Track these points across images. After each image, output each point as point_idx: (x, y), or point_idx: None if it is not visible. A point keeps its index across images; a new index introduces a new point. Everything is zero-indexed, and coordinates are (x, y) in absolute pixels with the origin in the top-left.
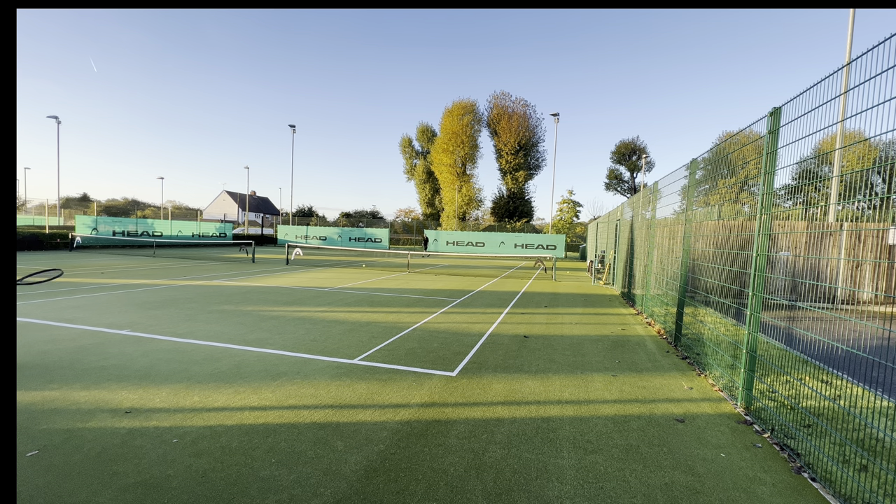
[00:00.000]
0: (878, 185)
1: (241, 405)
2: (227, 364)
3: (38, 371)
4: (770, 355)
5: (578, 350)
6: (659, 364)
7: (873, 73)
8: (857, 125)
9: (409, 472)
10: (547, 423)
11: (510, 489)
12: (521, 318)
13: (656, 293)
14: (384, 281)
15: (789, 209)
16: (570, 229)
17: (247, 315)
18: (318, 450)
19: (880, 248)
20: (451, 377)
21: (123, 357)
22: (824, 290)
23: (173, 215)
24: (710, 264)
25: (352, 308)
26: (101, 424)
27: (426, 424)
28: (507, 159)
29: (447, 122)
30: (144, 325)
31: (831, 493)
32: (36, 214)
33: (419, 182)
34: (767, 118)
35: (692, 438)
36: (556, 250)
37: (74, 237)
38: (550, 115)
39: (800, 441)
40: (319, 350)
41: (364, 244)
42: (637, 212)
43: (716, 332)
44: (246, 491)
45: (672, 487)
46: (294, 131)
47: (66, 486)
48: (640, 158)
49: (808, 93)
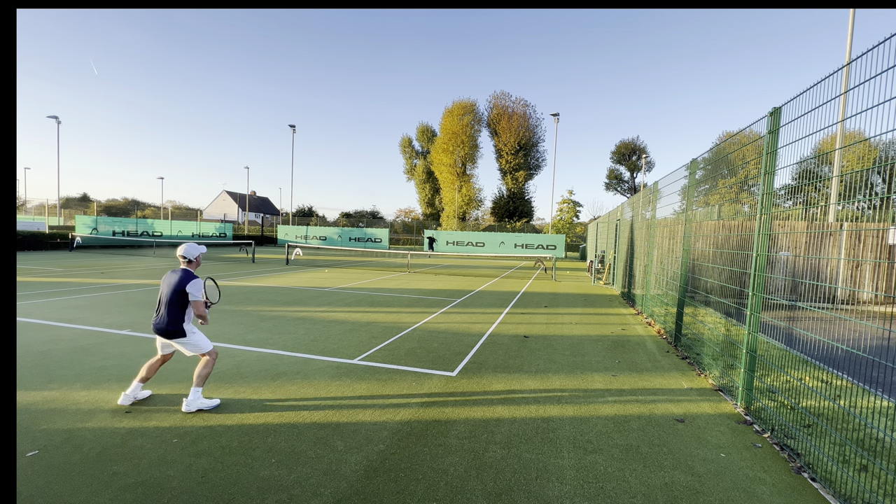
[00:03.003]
0: (878, 185)
1: (241, 405)
2: (227, 364)
3: (38, 371)
4: (770, 355)
5: (578, 350)
6: (659, 364)
7: (873, 73)
8: (857, 125)
9: (409, 472)
10: (547, 423)
11: (510, 489)
12: (521, 318)
13: (656, 293)
14: (384, 281)
15: (789, 209)
16: (570, 229)
17: (247, 315)
18: (318, 450)
19: (880, 248)
20: (451, 377)
21: (123, 357)
22: (824, 290)
23: (173, 215)
24: (710, 264)
25: (352, 308)
26: (101, 424)
27: (426, 424)
28: (507, 159)
29: (447, 122)
30: (144, 325)
31: (831, 493)
32: (36, 214)
33: (419, 182)
34: (767, 118)
35: (692, 438)
36: (556, 250)
37: (74, 237)
38: (550, 115)
39: (800, 441)
40: (319, 350)
41: (364, 244)
42: (637, 212)
43: (716, 332)
44: (246, 491)
45: (672, 487)
46: (294, 131)
47: (66, 486)
48: (640, 158)
49: (808, 93)
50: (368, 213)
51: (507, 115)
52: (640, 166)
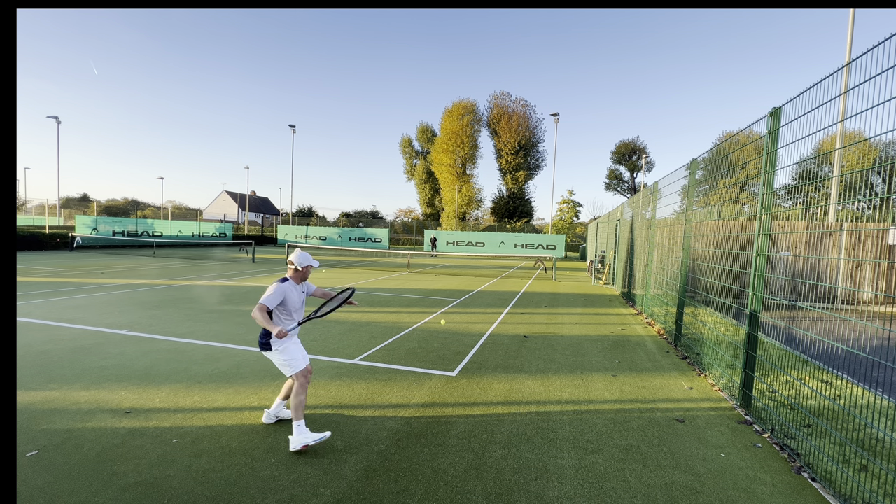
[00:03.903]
0: (878, 185)
1: (241, 405)
2: (227, 364)
3: (38, 371)
4: (770, 355)
5: (578, 350)
6: (659, 364)
7: (873, 73)
8: (857, 125)
9: (409, 472)
10: (547, 423)
11: (510, 489)
12: (521, 318)
13: (656, 293)
14: (384, 281)
15: (789, 209)
16: (570, 229)
17: (247, 315)
18: (318, 450)
19: (880, 248)
20: (451, 377)
21: (123, 357)
22: (824, 290)
23: (173, 215)
24: (710, 264)
25: (352, 308)
26: (101, 424)
27: (426, 424)
28: (507, 159)
29: (447, 122)
30: (144, 325)
31: (831, 493)
32: (36, 214)
33: (419, 182)
34: (767, 118)
35: (692, 438)
36: (556, 250)
37: (74, 237)
38: (550, 115)
39: (800, 441)
40: (319, 350)
41: (364, 244)
42: (637, 212)
43: (716, 332)
44: (246, 491)
45: (672, 487)
46: (294, 131)
47: (66, 486)
48: (640, 158)
49: (808, 93)
50: (368, 213)
51: (507, 115)
52: (640, 166)
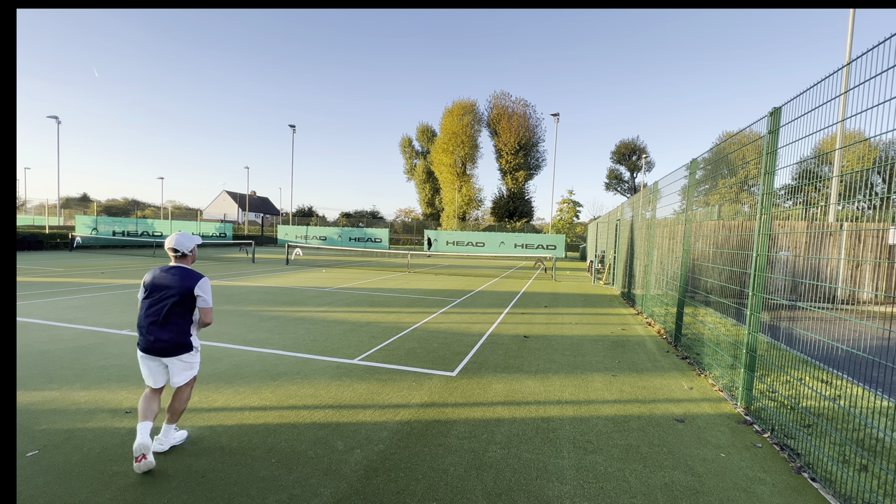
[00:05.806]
0: (878, 185)
1: (241, 405)
2: (227, 364)
3: (38, 371)
4: (770, 355)
5: (578, 350)
6: (659, 364)
7: (873, 73)
8: (857, 125)
9: (409, 472)
10: (547, 423)
11: (510, 489)
12: (520, 318)
13: (656, 293)
14: (384, 281)
15: (789, 209)
16: (570, 229)
17: (247, 315)
18: (318, 450)
19: (880, 248)
20: (451, 377)
21: (124, 357)
22: (824, 290)
23: (173, 215)
24: (710, 264)
25: (352, 308)
26: (101, 424)
27: (426, 424)
28: (507, 159)
29: (447, 122)
30: None
31: (831, 493)
32: (36, 214)
33: (419, 182)
34: (767, 118)
35: (692, 438)
36: (556, 250)
37: (74, 237)
38: (550, 114)
39: (800, 441)
40: (319, 350)
41: (364, 244)
42: (637, 212)
43: (716, 332)
44: (246, 491)
45: (672, 487)
46: (294, 131)
47: (66, 486)
48: (640, 158)
49: (808, 93)
50: (368, 213)
51: (507, 115)
52: (640, 166)
